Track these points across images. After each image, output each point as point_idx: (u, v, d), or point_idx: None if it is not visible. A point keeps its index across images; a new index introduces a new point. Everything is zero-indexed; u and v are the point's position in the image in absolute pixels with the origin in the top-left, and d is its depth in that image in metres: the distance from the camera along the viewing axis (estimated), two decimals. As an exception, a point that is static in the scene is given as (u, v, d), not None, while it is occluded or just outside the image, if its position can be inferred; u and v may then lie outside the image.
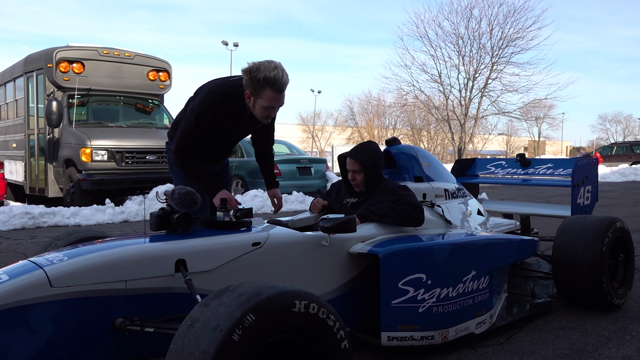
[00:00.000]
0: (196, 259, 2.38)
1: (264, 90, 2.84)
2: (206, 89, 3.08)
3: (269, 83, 2.81)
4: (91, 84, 10.09)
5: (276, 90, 2.85)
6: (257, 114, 2.98)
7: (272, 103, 2.91)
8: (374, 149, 3.33)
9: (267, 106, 2.92)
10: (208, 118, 2.97)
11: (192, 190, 2.49)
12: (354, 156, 3.27)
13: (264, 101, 2.89)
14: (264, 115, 2.99)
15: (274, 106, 2.95)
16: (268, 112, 2.97)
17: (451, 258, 2.85)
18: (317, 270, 2.73)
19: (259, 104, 2.91)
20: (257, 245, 2.55)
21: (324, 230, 2.64)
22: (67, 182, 9.68)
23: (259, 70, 2.80)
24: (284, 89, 2.89)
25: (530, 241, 3.47)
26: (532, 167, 4.82)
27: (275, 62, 2.86)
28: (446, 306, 2.80)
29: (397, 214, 3.01)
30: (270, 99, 2.89)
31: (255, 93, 2.87)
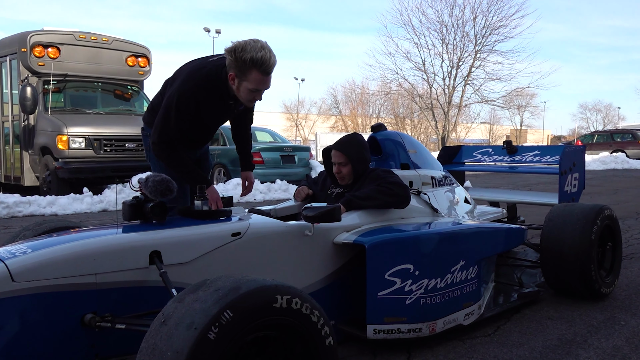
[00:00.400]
0: (172, 251, 2.25)
1: (250, 71, 2.65)
2: (185, 72, 2.87)
3: (256, 64, 2.62)
4: (67, 70, 9.79)
5: (263, 72, 2.66)
6: (242, 97, 2.80)
7: (258, 85, 2.73)
8: (359, 141, 3.21)
9: (253, 89, 2.74)
10: (190, 105, 2.78)
11: (167, 177, 2.34)
12: (339, 148, 3.15)
13: (249, 84, 2.70)
14: (249, 98, 2.80)
15: (260, 89, 2.77)
16: (254, 95, 2.78)
17: (439, 248, 2.75)
18: (301, 261, 2.61)
19: (244, 87, 2.73)
20: (237, 235, 2.43)
21: (308, 219, 2.51)
22: (43, 170, 9.41)
23: (244, 50, 2.61)
24: (272, 70, 2.71)
25: (518, 230, 3.39)
26: (519, 155, 4.75)
27: (262, 42, 2.66)
28: (434, 297, 2.70)
29: (381, 194, 2.92)
30: (257, 81, 2.70)
31: (241, 75, 2.68)
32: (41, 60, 9.53)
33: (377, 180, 3.02)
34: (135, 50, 10.72)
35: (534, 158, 4.61)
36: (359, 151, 3.15)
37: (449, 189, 3.82)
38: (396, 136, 3.58)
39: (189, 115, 2.81)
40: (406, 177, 3.40)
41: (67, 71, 9.78)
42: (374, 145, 3.52)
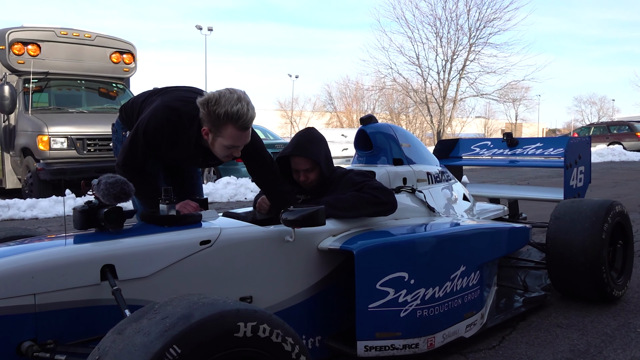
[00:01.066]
0: (128, 264, 1.94)
1: (225, 127, 2.32)
2: (165, 99, 2.55)
3: (231, 119, 2.29)
4: (49, 67, 9.41)
5: (240, 128, 2.33)
6: (217, 152, 2.47)
7: (235, 142, 2.39)
8: (319, 138, 2.82)
9: (229, 145, 2.40)
10: (157, 137, 2.47)
11: (123, 179, 2.04)
12: (303, 153, 2.74)
13: (225, 140, 2.37)
14: (225, 154, 2.46)
15: (237, 145, 2.43)
16: (230, 151, 2.44)
17: (437, 252, 2.45)
18: (281, 271, 2.31)
19: (219, 143, 2.40)
20: (207, 243, 2.12)
21: (288, 223, 2.21)
22: (24, 172, 9.05)
23: (218, 103, 2.28)
24: (250, 125, 2.37)
25: (522, 229, 3.09)
26: (520, 147, 4.45)
27: (239, 92, 2.34)
28: (432, 309, 2.41)
29: (365, 203, 2.58)
30: (233, 137, 2.36)
31: (215, 130, 2.35)
32: (21, 58, 9.15)
33: (354, 185, 2.68)
34: (119, 46, 10.35)
35: (536, 151, 4.31)
36: (324, 150, 2.80)
37: (446, 185, 3.52)
38: (388, 129, 3.27)
39: (155, 147, 2.52)
40: (400, 173, 3.10)
41: (48, 69, 9.40)
42: (363, 139, 3.21)
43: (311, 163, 2.75)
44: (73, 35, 9.72)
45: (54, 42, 9.48)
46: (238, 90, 2.35)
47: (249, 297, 2.22)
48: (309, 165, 2.75)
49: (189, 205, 2.46)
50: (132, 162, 2.54)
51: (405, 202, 2.94)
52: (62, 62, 9.61)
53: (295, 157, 2.77)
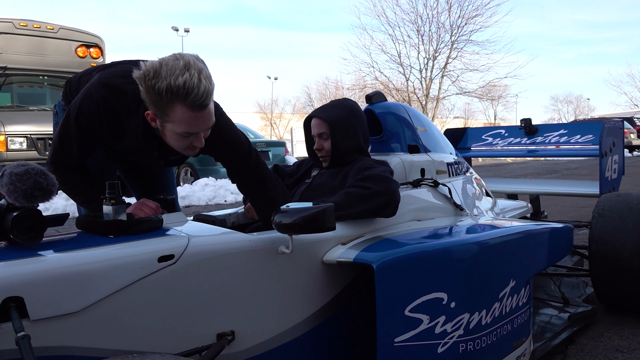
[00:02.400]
0: (46, 295, 1.29)
1: (172, 107, 1.66)
2: (103, 75, 1.87)
3: (178, 96, 1.63)
4: (7, 62, 8.60)
5: (192, 107, 1.66)
6: (172, 144, 1.81)
7: (190, 128, 1.72)
8: (349, 105, 2.31)
9: (182, 133, 1.73)
10: (94, 125, 1.83)
11: (39, 168, 1.38)
12: (321, 114, 2.25)
13: (176, 125, 1.71)
14: (184, 145, 1.80)
15: (193, 132, 1.74)
16: (188, 140, 1.78)
17: (483, 264, 1.84)
18: (274, 294, 1.68)
19: (170, 130, 1.74)
20: (169, 259, 1.48)
21: (283, 228, 1.57)
22: (-19, 176, 8.24)
23: (158, 75, 1.62)
24: (206, 101, 1.68)
25: (566, 230, 2.49)
26: (540, 135, 3.88)
27: (187, 58, 1.65)
28: (479, 340, 1.79)
29: (354, 199, 1.92)
30: (185, 121, 1.69)
31: (161, 113, 1.70)
32: (-25, 51, 8.36)
33: (357, 174, 2.08)
34: (85, 39, 9.57)
35: (560, 139, 3.74)
36: (345, 117, 2.24)
37: (466, 178, 2.91)
38: (400, 109, 2.65)
39: (93, 139, 1.87)
40: (416, 163, 2.49)
41: (6, 63, 8.61)
42: (371, 122, 2.59)
43: (325, 127, 2.23)
44: (34, 27, 8.93)
45: (12, 34, 8.68)
46: (187, 55, 1.66)
47: (229, 333, 1.58)
48: (322, 130, 2.25)
49: (145, 206, 1.81)
50: (64, 158, 1.91)
51: (427, 198, 2.32)
52: (22, 57, 8.81)
53: (314, 117, 2.31)
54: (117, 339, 1.38)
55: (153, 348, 1.43)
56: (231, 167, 2.06)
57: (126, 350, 1.39)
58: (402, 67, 29.84)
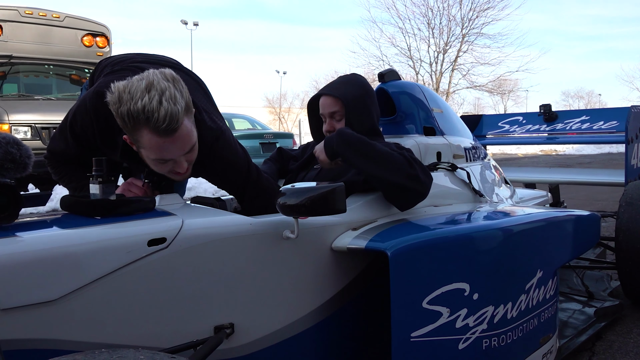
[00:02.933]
0: (17, 281, 1.14)
1: (139, 132, 1.47)
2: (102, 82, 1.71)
3: (139, 121, 1.44)
4: (12, 51, 8.48)
5: (156, 132, 1.44)
6: (155, 169, 1.61)
7: (161, 154, 1.51)
8: (361, 82, 2.11)
9: (156, 159, 1.54)
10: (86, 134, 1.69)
11: (12, 137, 1.23)
12: (332, 91, 2.03)
13: (148, 151, 1.52)
14: (165, 170, 1.59)
15: (167, 158, 1.53)
16: (166, 166, 1.57)
17: (507, 252, 1.67)
18: (277, 284, 1.52)
19: (146, 156, 1.56)
20: (160, 243, 1.33)
21: (288, 210, 1.41)
22: (-15, 166, 8.16)
23: (120, 99, 1.44)
24: (172, 125, 1.44)
25: (593, 218, 2.31)
26: (561, 122, 3.68)
27: (151, 77, 1.45)
28: (504, 335, 1.62)
29: (397, 167, 1.72)
30: (154, 147, 1.49)
31: (132, 139, 1.52)
32: (-20, 40, 8.25)
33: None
34: (92, 28, 9.43)
35: (581, 125, 3.55)
36: (360, 95, 2.04)
37: (484, 164, 2.73)
38: (415, 89, 2.47)
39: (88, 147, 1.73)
40: (433, 145, 2.31)
41: (11, 52, 8.50)
42: (384, 101, 2.41)
43: (338, 105, 2.00)
44: (39, 15, 8.80)
45: (17, 22, 8.56)
46: (152, 74, 1.46)
47: (228, 326, 1.43)
48: (335, 108, 2.01)
49: (135, 185, 1.65)
50: (61, 155, 1.81)
51: (444, 183, 2.15)
52: (27, 45, 8.69)
53: (321, 97, 2.07)
54: (99, 332, 1.23)
55: (141, 342, 1.28)
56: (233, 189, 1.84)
57: (110, 345, 1.24)
58: (412, 61, 29.50)
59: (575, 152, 21.77)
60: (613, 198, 7.20)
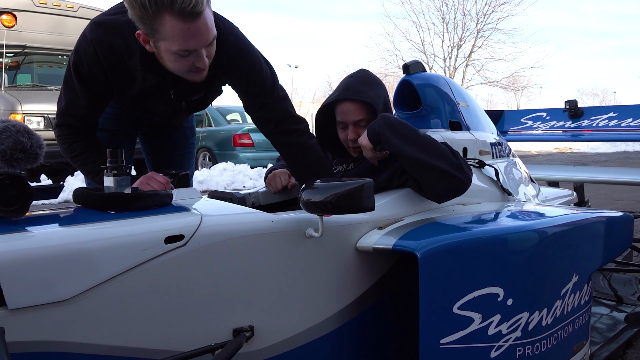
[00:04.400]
0: (28, 279, 1.07)
1: (160, 20, 1.43)
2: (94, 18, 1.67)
3: (163, 4, 1.39)
4: (26, 40, 8.48)
5: (181, 15, 1.40)
6: (172, 68, 1.58)
7: (185, 44, 1.47)
8: (378, 81, 1.93)
9: (178, 51, 1.49)
10: (94, 70, 1.63)
11: (22, 125, 1.16)
12: (354, 95, 1.81)
13: (169, 43, 1.47)
14: (185, 67, 1.55)
15: (190, 48, 1.50)
16: (186, 61, 1.53)
17: (544, 255, 1.57)
18: (299, 285, 1.44)
19: (166, 50, 1.51)
20: (178, 240, 1.25)
21: (312, 207, 1.33)
22: (-1, 156, 8.16)
23: None
24: (200, 9, 1.42)
25: (627, 219, 2.20)
26: (587, 119, 3.56)
27: None
28: (538, 344, 1.53)
29: (442, 155, 1.64)
30: (178, 35, 1.45)
31: (150, 30, 1.46)
32: (-6, 29, 8.23)
33: None
34: (105, 19, 9.41)
35: (609, 122, 3.43)
36: (385, 98, 1.89)
37: (509, 161, 2.63)
38: (441, 81, 2.37)
39: (98, 88, 1.67)
40: (459, 141, 2.21)
41: (26, 42, 8.49)
42: (407, 94, 2.32)
43: (366, 112, 1.80)
44: (53, 5, 8.78)
45: (31, 12, 8.54)
46: None
47: (247, 329, 1.35)
48: (362, 115, 1.81)
49: (153, 180, 1.58)
50: (70, 118, 1.72)
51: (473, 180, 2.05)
52: (41, 35, 8.68)
53: (342, 102, 1.83)
54: (113, 334, 1.16)
55: (156, 346, 1.20)
56: (251, 107, 1.78)
57: (124, 348, 1.16)
58: (426, 56, 29.28)
59: (591, 150, 21.47)
60: (633, 198, 7.06)
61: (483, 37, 27.89)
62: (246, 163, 9.28)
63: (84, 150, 1.75)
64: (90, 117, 1.74)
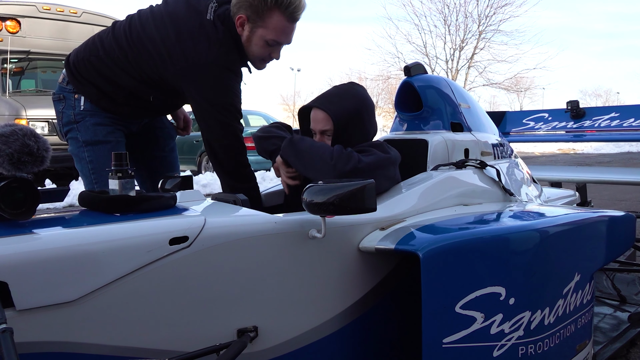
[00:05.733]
0: (35, 280, 1.08)
1: (271, 14, 1.86)
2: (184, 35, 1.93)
3: (280, 4, 1.84)
4: (30, 46, 8.53)
5: (289, 17, 1.88)
6: (253, 51, 1.95)
7: (279, 36, 1.91)
8: (358, 94, 1.90)
9: (271, 40, 1.91)
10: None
11: (29, 129, 1.17)
12: (322, 105, 1.85)
13: (268, 32, 1.89)
14: (264, 54, 1.96)
15: (281, 42, 1.94)
16: (269, 50, 1.95)
17: (545, 254, 1.58)
18: (302, 286, 1.45)
19: (260, 36, 1.90)
20: (182, 242, 1.26)
21: (315, 208, 1.34)
22: (3, 161, 8.20)
23: None
24: (299, 17, 1.92)
25: (628, 219, 2.20)
26: (588, 119, 3.56)
27: None
28: (540, 343, 1.54)
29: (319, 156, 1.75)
30: (279, 29, 1.89)
31: (256, 17, 1.86)
32: (-2, 35, 8.29)
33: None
34: (108, 24, 9.40)
35: (610, 122, 3.43)
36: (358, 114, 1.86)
37: (511, 162, 2.64)
38: (442, 83, 2.39)
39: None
40: (460, 142, 2.22)
41: (29, 48, 8.53)
42: (408, 96, 2.33)
43: (330, 124, 1.83)
44: (57, 11, 8.83)
45: (35, 17, 8.60)
46: None
47: (252, 329, 1.36)
48: (327, 127, 1.84)
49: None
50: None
51: (473, 181, 2.06)
52: (45, 41, 8.72)
53: (313, 109, 1.90)
54: (119, 335, 1.17)
55: (161, 346, 1.22)
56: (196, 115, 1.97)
57: (129, 348, 1.18)
58: (428, 58, 29.29)
59: (594, 151, 21.44)
60: (637, 198, 7.05)
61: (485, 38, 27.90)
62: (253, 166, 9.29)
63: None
64: None
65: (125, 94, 2.02)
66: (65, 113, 2.13)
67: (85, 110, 2.07)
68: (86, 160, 2.10)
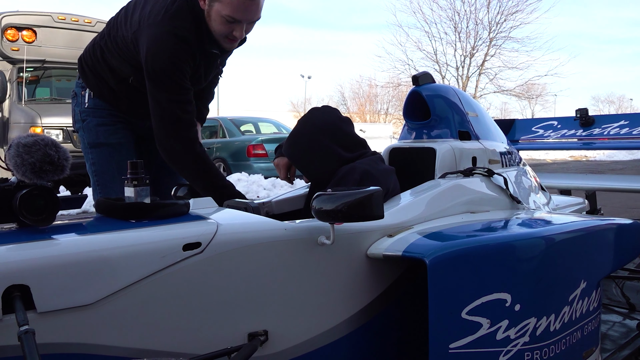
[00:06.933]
0: (55, 284, 1.13)
1: None
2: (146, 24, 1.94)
3: None
4: (46, 55, 8.71)
5: None
6: (215, 29, 1.90)
7: (235, 12, 1.82)
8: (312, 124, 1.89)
9: (227, 16, 1.83)
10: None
11: (50, 139, 1.23)
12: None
13: (223, 6, 1.81)
14: (225, 31, 1.90)
15: (238, 18, 1.85)
16: (230, 27, 1.88)
17: (551, 261, 1.60)
18: (312, 291, 1.49)
19: (217, 12, 1.84)
20: (195, 247, 1.30)
21: (324, 216, 1.38)
22: (18, 168, 8.35)
23: None
24: None
25: (637, 226, 2.22)
26: (598, 127, 3.57)
27: None
28: (546, 349, 1.56)
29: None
30: (234, 4, 1.80)
31: None
32: (15, 45, 8.45)
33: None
34: (122, 33, 9.62)
35: (620, 130, 3.43)
36: (308, 147, 1.87)
37: (519, 170, 2.66)
38: (450, 92, 2.42)
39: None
40: (468, 150, 2.25)
41: (45, 57, 8.70)
42: (416, 105, 2.37)
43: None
44: (72, 21, 9.01)
45: (51, 27, 8.78)
46: None
47: (262, 333, 1.40)
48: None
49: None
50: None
51: (480, 189, 2.09)
52: (60, 50, 8.90)
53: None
54: (135, 337, 1.21)
55: (174, 348, 1.26)
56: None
57: (144, 350, 1.22)
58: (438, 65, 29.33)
59: (607, 158, 21.27)
60: (649, 206, 7.00)
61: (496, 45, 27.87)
62: (260, 173, 9.38)
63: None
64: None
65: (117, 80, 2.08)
66: (75, 110, 2.21)
67: (89, 107, 2.14)
68: (90, 162, 2.17)
